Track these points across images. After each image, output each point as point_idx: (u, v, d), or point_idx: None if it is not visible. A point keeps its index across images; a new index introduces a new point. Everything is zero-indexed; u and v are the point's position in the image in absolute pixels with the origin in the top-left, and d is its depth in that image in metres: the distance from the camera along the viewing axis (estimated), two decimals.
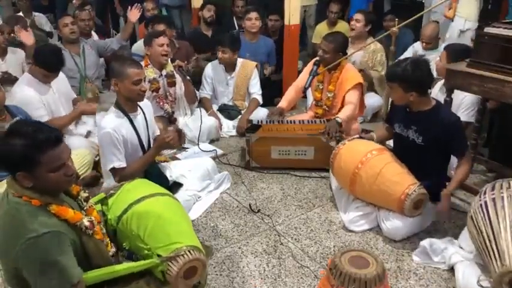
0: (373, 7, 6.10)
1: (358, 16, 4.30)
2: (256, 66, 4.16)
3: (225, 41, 3.95)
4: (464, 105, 3.17)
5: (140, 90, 2.54)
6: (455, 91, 2.86)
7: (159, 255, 1.77)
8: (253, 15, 4.51)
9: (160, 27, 4.10)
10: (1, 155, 1.52)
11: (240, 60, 4.10)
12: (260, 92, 4.14)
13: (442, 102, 2.77)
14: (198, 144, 3.56)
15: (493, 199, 2.00)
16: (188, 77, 3.74)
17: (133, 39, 5.28)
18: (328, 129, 3.19)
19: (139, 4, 4.36)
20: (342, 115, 3.33)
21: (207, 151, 3.52)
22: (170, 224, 1.87)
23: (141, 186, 2.06)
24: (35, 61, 3.07)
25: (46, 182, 1.55)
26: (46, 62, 3.04)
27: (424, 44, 4.18)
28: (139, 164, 2.63)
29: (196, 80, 4.07)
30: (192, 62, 4.28)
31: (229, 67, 4.08)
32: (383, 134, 2.93)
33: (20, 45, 4.06)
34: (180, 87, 3.75)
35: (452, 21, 4.64)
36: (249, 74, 4.10)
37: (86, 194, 1.77)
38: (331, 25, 5.25)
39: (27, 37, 3.86)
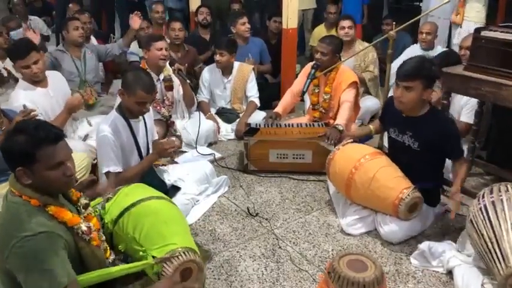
0: (371, 11, 6.12)
1: (348, 23, 4.25)
2: (253, 69, 4.17)
3: (222, 44, 3.97)
4: (469, 106, 3.16)
5: (142, 110, 2.57)
6: None
7: (153, 257, 1.76)
8: (246, 19, 4.55)
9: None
10: (4, 150, 1.58)
11: (236, 64, 4.11)
12: (257, 95, 4.14)
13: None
14: (196, 147, 3.55)
15: (493, 202, 1.99)
16: (188, 81, 3.74)
17: None
18: (329, 134, 3.17)
19: (138, 12, 4.35)
20: (341, 120, 3.31)
21: (205, 154, 3.51)
22: (165, 226, 1.87)
23: (138, 190, 2.06)
24: None
25: (45, 180, 1.57)
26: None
27: (423, 35, 4.22)
28: (136, 170, 2.62)
29: (194, 84, 4.07)
30: (197, 69, 4.31)
31: (226, 71, 4.08)
32: (378, 127, 2.96)
33: None
34: (177, 91, 3.75)
35: (461, 27, 4.64)
36: (246, 77, 4.10)
37: (85, 201, 1.77)
38: (329, 27, 5.25)
39: (34, 38, 3.85)
